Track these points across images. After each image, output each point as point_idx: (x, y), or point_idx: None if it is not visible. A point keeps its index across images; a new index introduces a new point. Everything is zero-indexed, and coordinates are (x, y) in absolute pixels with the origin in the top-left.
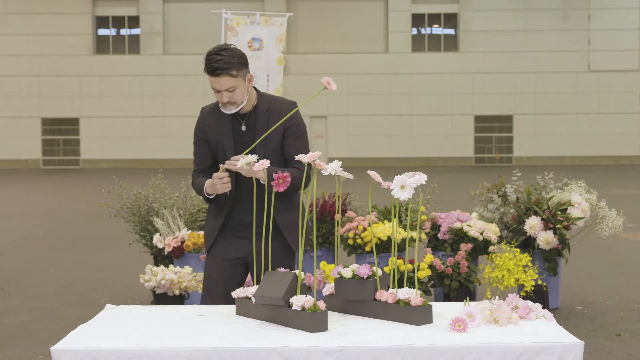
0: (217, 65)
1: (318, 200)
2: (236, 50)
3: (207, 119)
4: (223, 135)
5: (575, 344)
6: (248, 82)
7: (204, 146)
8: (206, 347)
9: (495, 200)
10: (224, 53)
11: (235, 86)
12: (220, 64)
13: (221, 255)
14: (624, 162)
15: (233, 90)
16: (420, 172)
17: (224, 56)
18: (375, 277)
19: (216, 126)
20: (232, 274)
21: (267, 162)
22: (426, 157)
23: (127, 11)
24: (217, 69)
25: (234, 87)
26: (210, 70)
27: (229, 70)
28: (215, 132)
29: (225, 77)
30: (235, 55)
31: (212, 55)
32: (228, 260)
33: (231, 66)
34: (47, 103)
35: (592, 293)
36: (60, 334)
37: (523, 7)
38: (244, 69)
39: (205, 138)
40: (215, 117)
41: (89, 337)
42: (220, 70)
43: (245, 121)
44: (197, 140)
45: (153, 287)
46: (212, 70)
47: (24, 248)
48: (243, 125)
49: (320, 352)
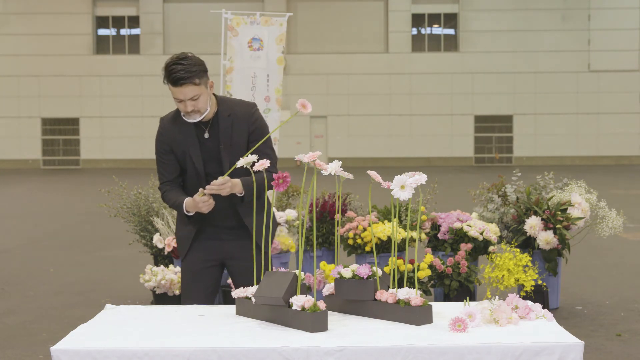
0: (179, 75)
1: (318, 200)
2: (195, 57)
3: (169, 129)
4: (188, 145)
5: (575, 344)
6: (210, 88)
7: (169, 157)
8: (206, 347)
9: (495, 200)
10: (184, 62)
11: (199, 94)
12: (182, 73)
13: (198, 258)
14: (624, 162)
15: (197, 99)
16: (420, 172)
17: (185, 65)
18: (375, 277)
19: (180, 136)
20: (209, 275)
21: (267, 162)
22: (426, 157)
23: (127, 11)
24: (180, 79)
25: (197, 95)
26: (173, 80)
27: (191, 79)
28: (180, 143)
29: (189, 86)
30: (196, 64)
31: (173, 65)
32: (205, 262)
33: (193, 74)
34: (47, 103)
35: (592, 293)
36: (60, 334)
37: (523, 7)
38: (205, 76)
39: (170, 149)
40: (177, 127)
41: (89, 337)
42: (184, 80)
43: (209, 129)
44: (161, 152)
45: (153, 287)
46: (176, 81)
47: (24, 248)
48: (206, 133)
49: (320, 352)
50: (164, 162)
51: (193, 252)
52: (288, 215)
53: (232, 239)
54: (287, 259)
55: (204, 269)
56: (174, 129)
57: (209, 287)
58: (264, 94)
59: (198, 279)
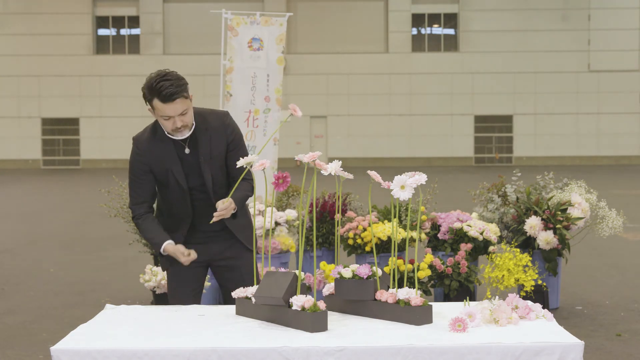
0: (171, 90)
1: (318, 200)
2: (176, 73)
3: (147, 149)
4: (170, 163)
5: (575, 344)
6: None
7: (146, 177)
8: (206, 347)
9: (495, 200)
10: (170, 77)
11: (188, 108)
12: (173, 88)
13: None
14: (624, 162)
15: (185, 113)
16: (420, 172)
17: (172, 80)
18: (375, 277)
19: (160, 155)
20: (195, 277)
21: (267, 162)
22: (426, 157)
23: (127, 11)
24: (172, 94)
25: (186, 109)
26: (165, 96)
27: (182, 93)
28: (161, 162)
29: (180, 100)
30: (180, 78)
31: (160, 82)
32: (193, 263)
33: (182, 88)
34: (47, 103)
35: (592, 293)
36: (60, 334)
37: (523, 7)
38: (188, 90)
39: (149, 169)
40: (156, 147)
41: (89, 337)
42: (176, 95)
43: (188, 144)
44: (138, 172)
45: (153, 287)
46: (168, 97)
47: (24, 248)
48: (187, 149)
49: (320, 352)
50: (140, 182)
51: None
52: (288, 215)
53: (217, 240)
54: (287, 259)
55: (190, 272)
56: (153, 148)
57: (195, 289)
58: (264, 94)
59: (185, 283)
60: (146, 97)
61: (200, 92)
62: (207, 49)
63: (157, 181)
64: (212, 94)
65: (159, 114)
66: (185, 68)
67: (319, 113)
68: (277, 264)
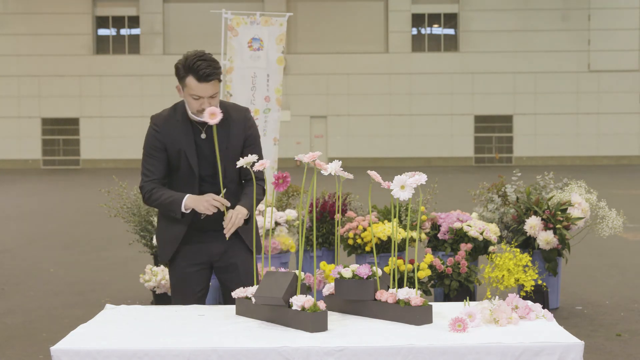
0: (208, 71)
1: (318, 200)
2: (211, 54)
3: (163, 128)
4: (185, 144)
5: (575, 344)
6: None
7: (161, 155)
8: (206, 347)
9: (495, 200)
10: (207, 58)
11: (218, 92)
12: (210, 69)
13: (186, 262)
14: (624, 162)
15: (215, 97)
16: (420, 172)
17: (209, 61)
18: (375, 277)
19: (176, 135)
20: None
21: (267, 162)
22: (426, 157)
23: (127, 11)
24: (209, 75)
25: (217, 93)
26: (202, 76)
27: (218, 76)
28: (176, 141)
29: (214, 82)
30: (217, 60)
31: (198, 61)
32: (194, 266)
33: (219, 71)
34: (47, 103)
35: (592, 293)
36: (60, 334)
37: (523, 7)
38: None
39: (164, 147)
40: (173, 126)
41: (89, 337)
42: (212, 76)
43: (205, 129)
44: (153, 149)
45: (153, 287)
46: (205, 76)
47: (24, 248)
48: (203, 134)
49: (320, 352)
50: (154, 159)
51: (180, 257)
52: (288, 215)
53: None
54: (287, 259)
55: (193, 273)
56: (170, 126)
57: (198, 290)
58: (264, 94)
59: (187, 283)
60: (179, 74)
61: None
62: (207, 49)
63: (170, 163)
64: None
65: (189, 92)
66: None
67: (319, 113)
68: (277, 264)
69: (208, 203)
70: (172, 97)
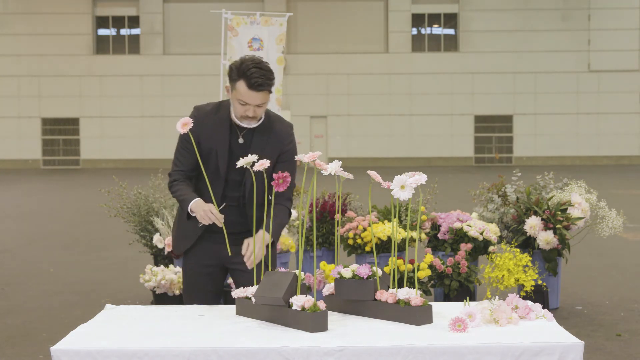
0: (261, 81)
1: (318, 200)
2: (268, 64)
3: (203, 120)
4: (219, 144)
5: (575, 344)
6: None
7: (192, 148)
8: (206, 347)
9: (495, 200)
10: (262, 67)
11: (266, 102)
12: (263, 79)
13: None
14: (624, 162)
15: (262, 106)
16: (420, 172)
17: (264, 71)
18: (375, 277)
19: (213, 132)
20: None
21: (267, 162)
22: (426, 157)
23: (127, 11)
24: (261, 85)
25: (264, 103)
26: (254, 85)
27: (269, 87)
28: (211, 138)
29: (264, 93)
30: (271, 71)
31: (253, 68)
32: (206, 267)
33: (271, 83)
34: (47, 103)
35: (592, 293)
36: (60, 334)
37: (523, 7)
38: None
39: (197, 141)
40: (212, 122)
41: (89, 337)
42: (264, 87)
43: (244, 134)
44: (187, 141)
45: (153, 287)
46: (257, 86)
47: (24, 248)
48: (241, 138)
49: (320, 352)
50: (186, 150)
51: (193, 255)
52: None
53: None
54: (287, 259)
55: (206, 274)
56: (209, 122)
57: (210, 291)
58: None
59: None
60: (232, 76)
61: (200, 92)
62: (207, 49)
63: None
64: (212, 93)
65: (237, 96)
66: (185, 68)
67: (319, 113)
68: (277, 264)
69: (205, 213)
70: (172, 97)
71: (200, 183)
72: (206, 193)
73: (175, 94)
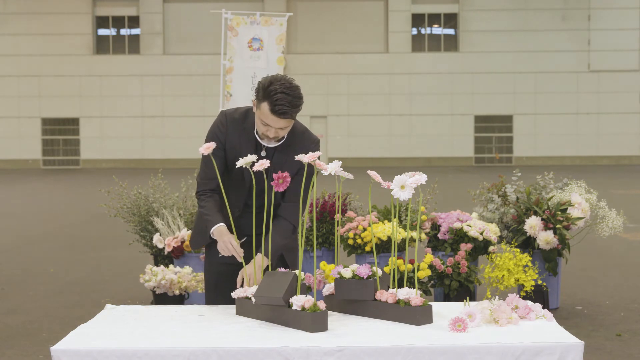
0: (285, 109)
1: (318, 200)
2: (298, 89)
3: (230, 126)
4: (245, 153)
5: (575, 344)
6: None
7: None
8: (206, 347)
9: (495, 200)
10: (290, 93)
11: (288, 127)
12: (287, 108)
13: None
14: (624, 162)
15: (284, 129)
16: (420, 172)
17: (291, 98)
18: (375, 277)
19: (238, 141)
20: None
21: (267, 162)
22: (426, 157)
23: (127, 11)
24: (285, 113)
25: (287, 127)
26: (278, 112)
27: (293, 115)
28: (237, 146)
29: (288, 119)
30: (300, 97)
31: (279, 93)
32: (229, 265)
33: (296, 110)
34: (47, 103)
35: (592, 293)
36: (60, 334)
37: (523, 7)
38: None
39: (223, 147)
40: (238, 131)
41: (89, 337)
42: (287, 115)
43: (267, 148)
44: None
45: (153, 287)
46: (280, 113)
47: (24, 248)
48: (263, 151)
49: (320, 352)
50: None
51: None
52: None
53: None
54: None
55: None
56: (236, 128)
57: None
58: None
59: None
60: (258, 94)
61: (200, 92)
62: (207, 49)
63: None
64: (212, 94)
65: (260, 115)
66: (185, 68)
67: (319, 113)
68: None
69: (224, 245)
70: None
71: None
72: (230, 199)
73: (175, 94)
